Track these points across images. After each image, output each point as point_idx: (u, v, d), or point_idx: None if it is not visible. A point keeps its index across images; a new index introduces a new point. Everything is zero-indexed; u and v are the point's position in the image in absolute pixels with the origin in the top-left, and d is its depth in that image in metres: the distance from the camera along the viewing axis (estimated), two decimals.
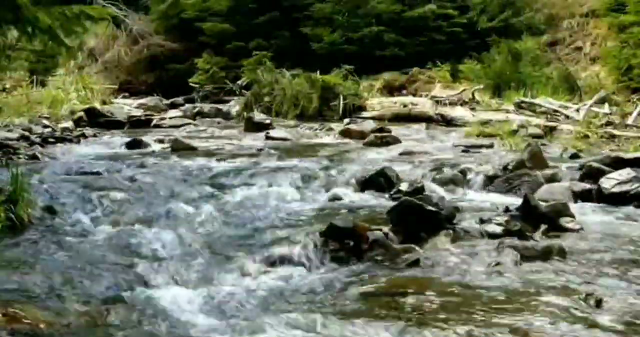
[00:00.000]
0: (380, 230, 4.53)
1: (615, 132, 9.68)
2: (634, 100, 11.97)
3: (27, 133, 9.74)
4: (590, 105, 11.29)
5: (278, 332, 3.24)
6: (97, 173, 7.05)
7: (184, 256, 4.31)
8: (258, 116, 12.41)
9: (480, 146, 9.10)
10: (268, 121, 11.95)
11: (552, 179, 6.49)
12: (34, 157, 8.06)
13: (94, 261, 4.19)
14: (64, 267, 4.06)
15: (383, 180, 6.43)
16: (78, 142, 10.00)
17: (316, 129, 11.71)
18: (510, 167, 6.80)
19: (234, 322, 3.38)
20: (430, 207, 4.79)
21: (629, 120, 10.25)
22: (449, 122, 12.11)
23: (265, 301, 3.68)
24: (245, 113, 13.14)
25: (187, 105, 15.79)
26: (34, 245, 4.52)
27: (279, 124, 12.04)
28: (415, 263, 4.21)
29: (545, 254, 4.32)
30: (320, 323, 3.31)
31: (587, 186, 6.12)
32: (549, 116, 11.27)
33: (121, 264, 4.14)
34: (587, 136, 9.50)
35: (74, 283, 3.82)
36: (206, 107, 14.94)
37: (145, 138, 9.82)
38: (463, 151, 8.71)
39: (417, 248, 4.40)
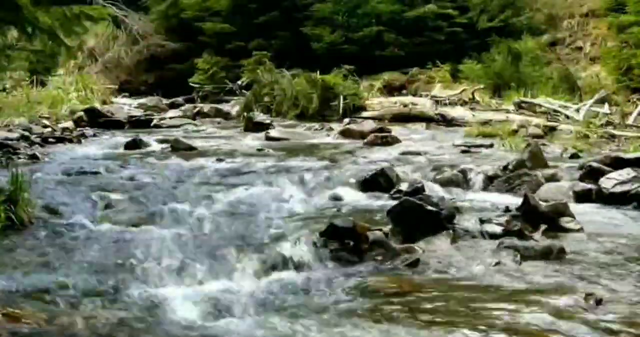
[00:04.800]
0: (380, 230, 4.53)
1: (615, 132, 9.69)
2: (634, 100, 11.99)
3: (27, 133, 9.74)
4: (590, 105, 11.30)
5: (278, 332, 3.24)
6: (97, 173, 7.05)
7: (184, 256, 4.31)
8: (258, 116, 12.42)
9: (480, 146, 9.11)
10: (268, 121, 11.97)
11: (552, 179, 6.49)
12: (34, 157, 8.06)
13: (94, 261, 4.19)
14: (63, 267, 4.05)
15: (383, 180, 6.42)
16: (78, 142, 9.99)
17: (316, 129, 11.72)
18: (510, 167, 6.80)
19: (234, 322, 3.37)
20: (430, 207, 4.79)
21: (629, 120, 10.26)
22: (449, 122, 12.11)
23: (264, 301, 3.68)
24: (245, 113, 13.15)
25: (187, 105, 15.80)
26: (33, 245, 4.51)
27: (279, 124, 12.05)
28: (415, 263, 4.21)
29: (545, 254, 4.32)
30: (320, 323, 3.31)
31: (587, 186, 6.12)
32: (549, 116, 11.27)
33: (121, 264, 4.13)
34: (587, 136, 9.51)
35: (73, 283, 3.81)
36: (206, 107, 14.94)
37: (145, 138, 9.82)
38: (463, 151, 8.72)
39: (417, 248, 4.40)
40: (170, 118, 13.33)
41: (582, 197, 5.95)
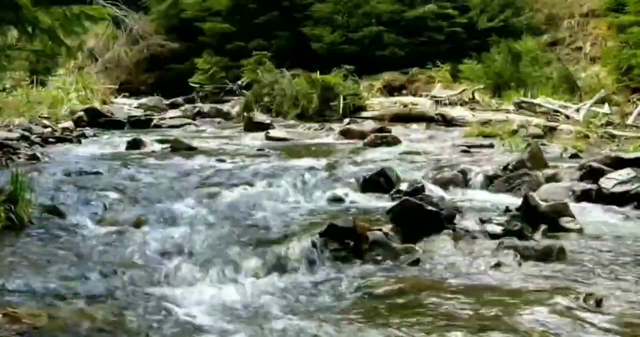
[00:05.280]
0: (380, 230, 4.53)
1: (615, 132, 9.68)
2: (634, 100, 11.98)
3: (27, 133, 9.74)
4: (590, 105, 11.30)
5: (277, 332, 3.24)
6: (97, 173, 7.05)
7: (184, 256, 4.31)
8: (258, 116, 12.42)
9: (480, 146, 9.10)
10: (268, 121, 11.97)
11: (552, 179, 6.49)
12: (34, 157, 8.06)
13: (94, 261, 4.19)
14: (64, 267, 4.06)
15: (383, 180, 6.42)
16: (78, 142, 9.99)
17: (316, 129, 11.71)
18: (510, 167, 6.80)
19: (234, 322, 3.37)
20: (430, 207, 4.79)
21: (629, 120, 10.26)
22: (449, 122, 12.11)
23: (264, 301, 3.68)
24: (245, 113, 13.15)
25: (187, 105, 15.80)
26: (33, 245, 4.51)
27: (279, 124, 12.05)
28: (415, 263, 4.21)
29: (545, 254, 4.32)
30: (320, 323, 3.31)
31: (587, 186, 6.12)
32: (549, 116, 11.27)
33: (121, 264, 4.13)
34: (587, 136, 9.51)
35: (73, 283, 3.81)
36: (206, 107, 14.94)
37: (145, 138, 9.81)
38: (463, 151, 8.72)
39: (417, 248, 4.40)
40: (170, 118, 13.34)
41: (582, 197, 5.95)
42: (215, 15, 19.68)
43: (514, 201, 5.51)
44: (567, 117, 11.15)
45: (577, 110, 11.28)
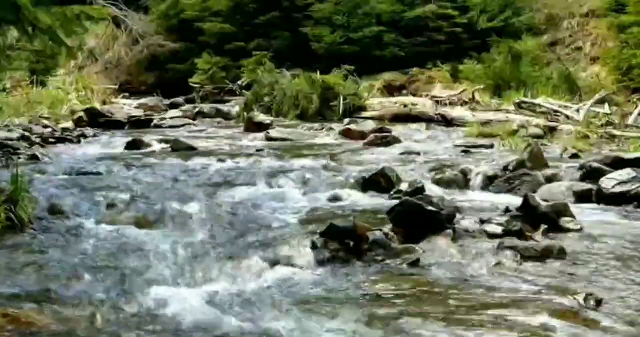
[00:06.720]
0: (380, 230, 4.52)
1: (615, 132, 9.68)
2: (634, 100, 11.98)
3: (27, 133, 9.74)
4: (590, 105, 11.29)
5: (276, 331, 3.24)
6: (97, 173, 7.05)
7: (184, 256, 4.31)
8: (258, 116, 12.41)
9: (480, 146, 9.11)
10: (268, 121, 11.96)
11: (552, 179, 6.49)
12: (34, 157, 8.06)
13: (94, 261, 4.19)
14: (64, 268, 4.05)
15: (383, 180, 6.43)
16: (78, 142, 10.00)
17: (316, 129, 11.70)
18: (510, 167, 6.80)
19: (234, 322, 3.37)
20: (430, 207, 4.78)
21: (629, 120, 10.25)
22: (449, 122, 12.11)
23: (264, 301, 3.68)
24: (245, 113, 13.14)
25: (187, 105, 15.78)
26: (34, 245, 4.51)
27: (279, 124, 12.04)
28: (415, 263, 4.21)
29: (545, 254, 4.32)
30: (320, 323, 3.31)
31: (587, 186, 6.12)
32: (549, 116, 11.27)
33: (121, 264, 4.13)
34: (587, 136, 9.51)
35: (74, 283, 3.81)
36: (206, 107, 14.92)
37: (145, 138, 9.82)
38: (463, 151, 8.72)
39: (417, 248, 4.40)
40: (170, 118, 13.32)
41: (582, 197, 5.95)
42: (215, 15, 19.69)
43: (514, 201, 5.50)
44: (567, 117, 11.14)
45: (577, 110, 11.27)
